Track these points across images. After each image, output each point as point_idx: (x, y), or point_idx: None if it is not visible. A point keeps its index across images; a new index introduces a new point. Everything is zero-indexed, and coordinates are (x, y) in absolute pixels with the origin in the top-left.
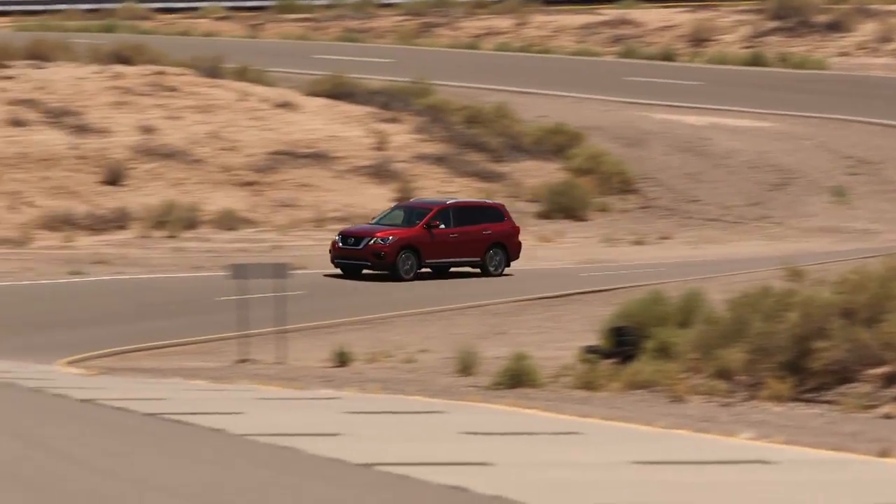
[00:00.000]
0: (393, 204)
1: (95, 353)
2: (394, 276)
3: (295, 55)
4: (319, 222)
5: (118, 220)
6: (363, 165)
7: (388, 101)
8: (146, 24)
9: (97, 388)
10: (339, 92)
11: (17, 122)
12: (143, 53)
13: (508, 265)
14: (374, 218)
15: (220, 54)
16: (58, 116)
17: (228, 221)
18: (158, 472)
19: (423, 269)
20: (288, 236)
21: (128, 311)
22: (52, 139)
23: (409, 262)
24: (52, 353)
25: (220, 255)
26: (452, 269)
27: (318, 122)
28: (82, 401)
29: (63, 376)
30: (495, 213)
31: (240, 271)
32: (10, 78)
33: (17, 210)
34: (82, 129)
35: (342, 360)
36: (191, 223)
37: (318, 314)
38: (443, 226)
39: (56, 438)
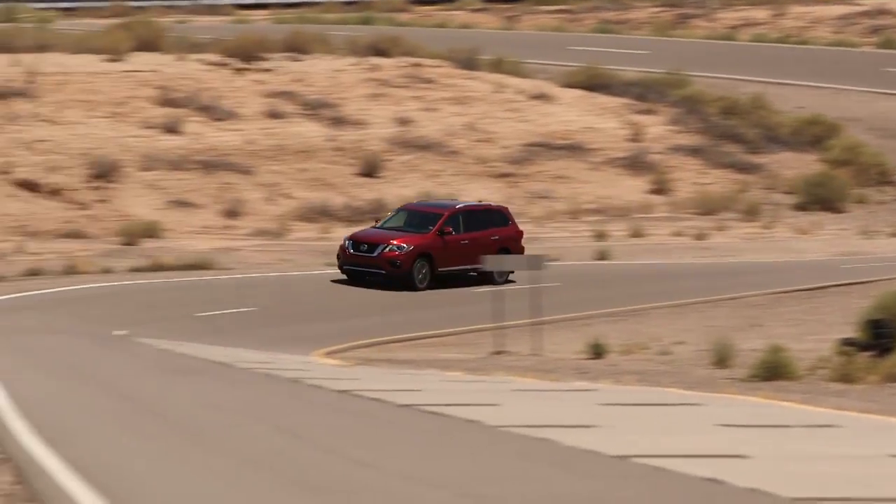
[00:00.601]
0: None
1: (352, 343)
2: (408, 285)
3: (550, 47)
4: (575, 214)
5: (374, 212)
6: (618, 157)
7: (644, 93)
8: (403, 17)
9: (352, 378)
10: (594, 83)
11: (275, 115)
12: (400, 46)
13: (513, 271)
14: (378, 221)
15: (477, 46)
16: (315, 108)
17: None
18: (414, 462)
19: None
20: (544, 228)
21: (384, 303)
22: (310, 131)
23: (424, 271)
24: (310, 344)
25: None
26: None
27: (574, 113)
28: (338, 392)
29: (319, 367)
30: (500, 217)
31: (496, 263)
32: (268, 70)
33: (275, 202)
34: (339, 121)
35: (597, 351)
36: None
37: (573, 306)
38: (453, 231)
39: (313, 429)
